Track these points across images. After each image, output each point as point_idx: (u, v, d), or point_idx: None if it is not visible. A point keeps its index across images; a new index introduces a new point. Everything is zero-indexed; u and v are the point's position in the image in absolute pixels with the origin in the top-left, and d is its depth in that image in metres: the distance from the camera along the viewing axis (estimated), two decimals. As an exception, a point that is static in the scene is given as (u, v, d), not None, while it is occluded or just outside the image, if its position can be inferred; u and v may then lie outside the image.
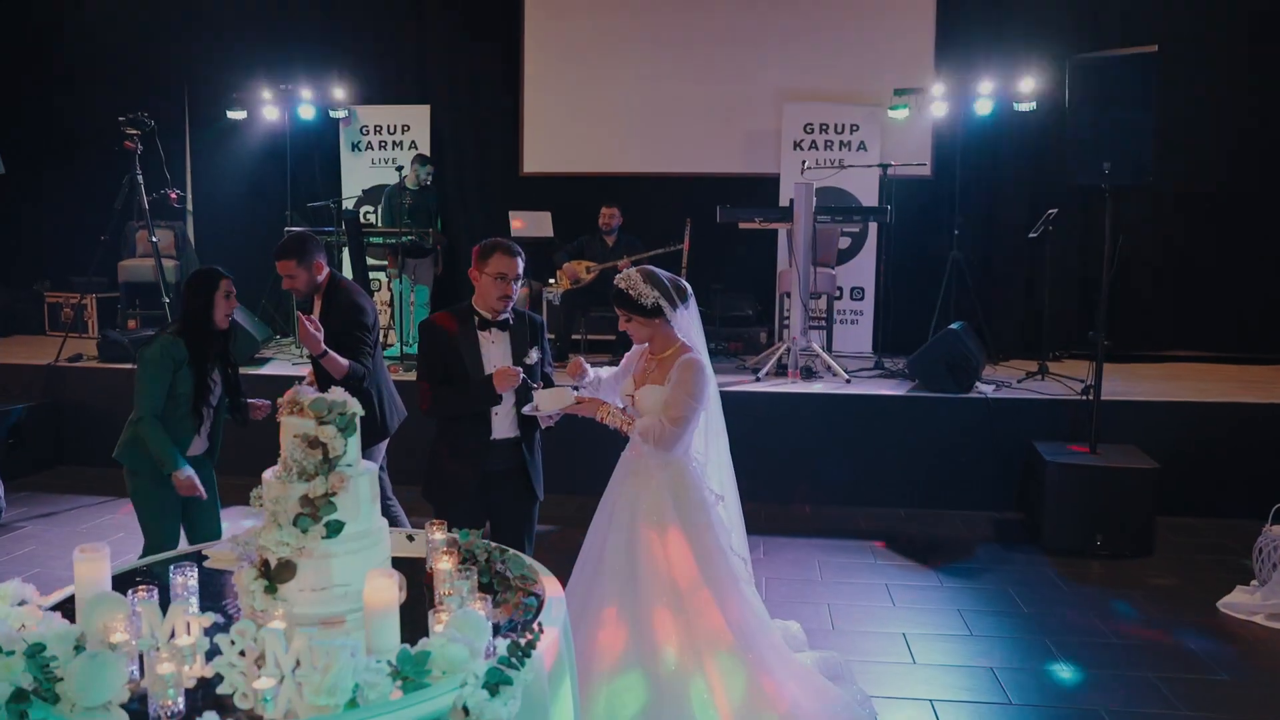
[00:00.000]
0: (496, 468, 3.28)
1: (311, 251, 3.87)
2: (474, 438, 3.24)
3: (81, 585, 1.87)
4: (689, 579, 2.93)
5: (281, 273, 3.86)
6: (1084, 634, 4.11)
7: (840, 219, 6.88)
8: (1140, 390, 6.31)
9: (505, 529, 3.29)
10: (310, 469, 1.96)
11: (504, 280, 3.21)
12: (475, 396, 3.19)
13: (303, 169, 8.46)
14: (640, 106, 8.47)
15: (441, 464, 3.29)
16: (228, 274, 3.57)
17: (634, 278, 3.06)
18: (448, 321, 3.27)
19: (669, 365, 3.04)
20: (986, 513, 5.89)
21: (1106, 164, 5.04)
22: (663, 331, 3.08)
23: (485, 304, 3.27)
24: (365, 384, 3.85)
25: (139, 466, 3.53)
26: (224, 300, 3.51)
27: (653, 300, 3.02)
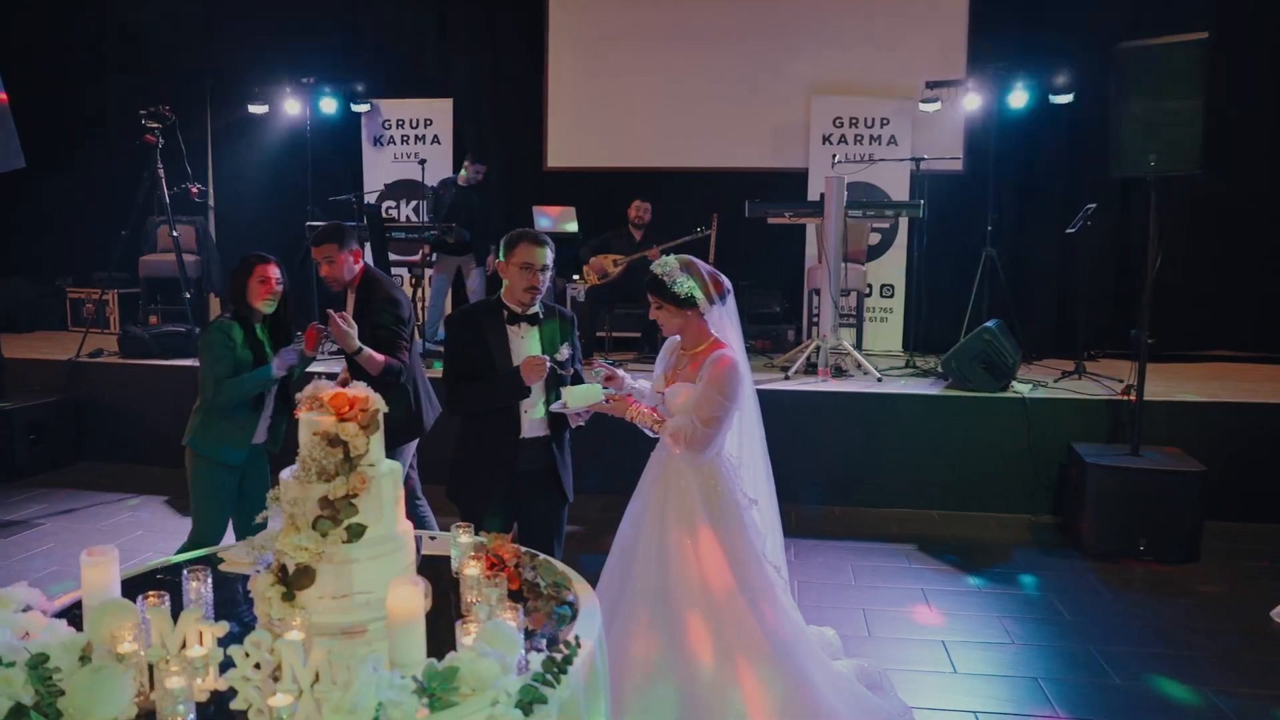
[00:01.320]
0: (526, 468, 3.15)
1: (350, 239, 3.80)
2: (503, 437, 3.11)
3: (89, 590, 1.76)
4: (723, 586, 2.80)
5: (319, 258, 3.78)
6: (1132, 644, 3.93)
7: (872, 213, 6.70)
8: (1182, 390, 6.10)
9: (533, 531, 3.16)
10: (330, 469, 1.84)
11: (530, 270, 3.08)
12: (502, 390, 3.06)
13: (324, 163, 8.38)
14: (666, 100, 8.33)
15: (468, 464, 3.16)
16: (267, 258, 3.59)
17: (671, 264, 2.93)
18: (476, 316, 3.15)
19: (701, 362, 2.91)
20: (1022, 516, 5.72)
21: (1152, 156, 4.85)
22: (695, 325, 2.94)
23: (514, 297, 3.14)
24: (401, 379, 3.75)
25: (207, 451, 3.55)
26: (259, 285, 3.53)
27: (687, 290, 2.89)
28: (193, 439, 3.57)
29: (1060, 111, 7.39)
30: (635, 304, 7.40)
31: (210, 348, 3.49)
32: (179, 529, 5.21)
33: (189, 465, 3.59)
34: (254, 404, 3.58)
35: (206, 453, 3.55)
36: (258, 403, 3.59)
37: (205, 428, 3.55)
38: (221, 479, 3.56)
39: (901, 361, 7.01)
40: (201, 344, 3.54)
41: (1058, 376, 6.45)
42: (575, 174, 8.47)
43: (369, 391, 1.93)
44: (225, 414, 3.53)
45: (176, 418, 6.40)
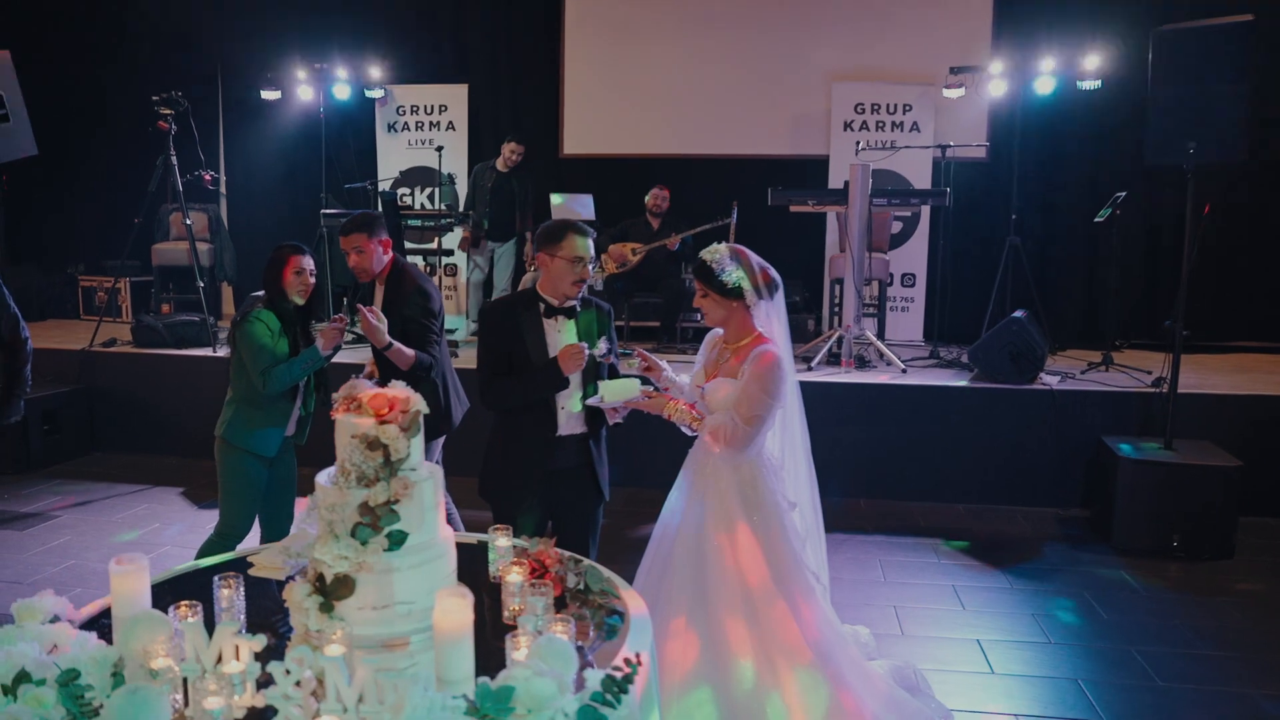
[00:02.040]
0: (562, 465, 3.05)
1: (380, 228, 3.71)
2: (539, 434, 3.01)
3: (119, 601, 1.68)
4: (763, 589, 2.71)
5: (349, 248, 3.67)
6: (1173, 644, 3.84)
7: (897, 202, 6.58)
8: (1213, 383, 5.99)
9: (569, 530, 3.08)
10: (370, 473, 1.75)
11: (580, 264, 2.98)
12: (539, 382, 2.95)
13: (338, 150, 8.28)
14: (684, 86, 8.19)
15: (502, 461, 3.07)
16: (301, 248, 3.54)
17: (721, 252, 2.83)
18: (512, 308, 3.04)
19: (743, 357, 2.81)
20: (1050, 509, 5.62)
21: (1191, 143, 4.72)
22: (739, 317, 2.84)
23: (556, 290, 3.03)
24: (432, 374, 3.67)
25: (241, 442, 3.50)
26: (294, 276, 3.49)
27: (735, 280, 2.79)
28: (227, 429, 3.51)
29: (1087, 98, 7.23)
30: (654, 292, 7.30)
31: (252, 337, 3.43)
32: (196, 521, 5.16)
33: (220, 456, 3.53)
34: (290, 395, 3.53)
35: (240, 443, 3.49)
36: (293, 393, 3.54)
37: (240, 418, 3.50)
38: (254, 470, 3.52)
39: (924, 352, 6.90)
40: (240, 334, 3.47)
41: (1084, 368, 6.33)
42: (592, 161, 8.35)
43: (409, 391, 1.84)
44: (261, 405, 3.48)
45: (190, 408, 6.45)
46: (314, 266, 3.53)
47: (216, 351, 6.55)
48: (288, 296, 3.50)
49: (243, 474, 3.51)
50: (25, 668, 1.47)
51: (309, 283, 3.51)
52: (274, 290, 3.51)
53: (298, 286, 3.49)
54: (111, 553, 4.67)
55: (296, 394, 3.56)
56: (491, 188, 7.20)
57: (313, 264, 3.53)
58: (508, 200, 7.28)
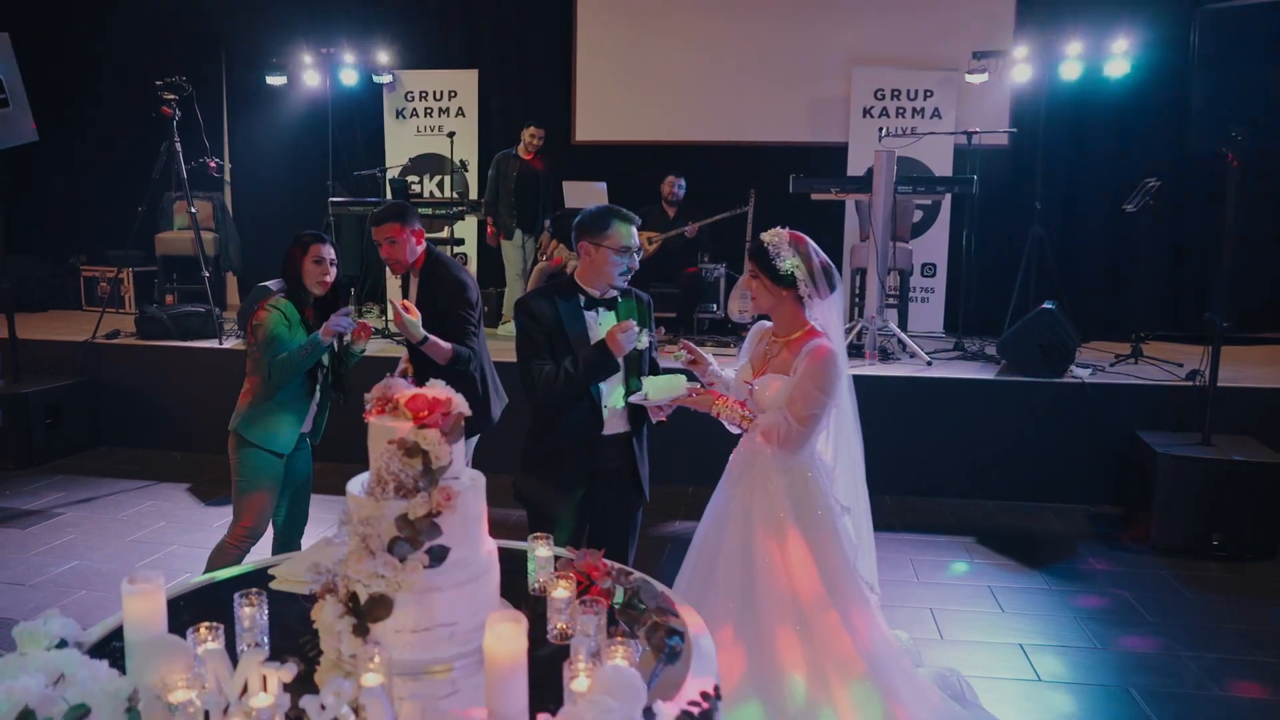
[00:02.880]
0: (605, 466, 2.89)
1: (413, 217, 3.54)
2: (584, 433, 2.84)
3: (133, 625, 1.52)
4: (814, 598, 2.55)
5: (381, 239, 3.51)
6: (1224, 649, 3.68)
7: (922, 189, 6.39)
8: (1249, 376, 5.82)
9: (609, 533, 2.93)
10: (409, 483, 1.59)
11: (628, 254, 2.81)
12: (588, 367, 2.75)
13: (345, 137, 8.10)
14: (699, 71, 8.00)
15: (543, 462, 2.89)
16: (322, 237, 3.39)
17: (781, 236, 2.67)
18: (551, 300, 2.85)
19: (795, 351, 2.64)
20: (1082, 506, 5.46)
21: (1239, 128, 4.54)
22: (789, 308, 2.68)
23: (599, 281, 2.85)
24: (470, 367, 3.51)
25: (256, 439, 3.33)
26: (314, 265, 3.33)
27: (789, 268, 2.63)
28: (242, 424, 3.35)
29: (1114, 84, 7.03)
30: (670, 283, 7.13)
31: (266, 325, 3.27)
32: (203, 519, 5.00)
33: (234, 452, 3.37)
34: (307, 390, 3.37)
35: (256, 439, 3.32)
36: (310, 389, 3.38)
37: (256, 413, 3.34)
38: (270, 467, 3.35)
39: (946, 344, 6.73)
40: (255, 324, 3.31)
41: (1113, 360, 6.16)
42: (605, 148, 8.16)
43: (450, 392, 1.67)
44: (279, 399, 3.32)
45: (196, 401, 6.29)
46: (334, 256, 3.37)
47: (223, 343, 6.38)
48: (306, 286, 3.34)
49: (258, 471, 3.34)
50: (29, 705, 1.31)
51: (329, 272, 3.35)
52: (292, 280, 3.35)
53: (317, 276, 3.33)
54: (117, 552, 4.52)
55: (314, 390, 3.39)
56: (517, 176, 6.98)
57: (333, 253, 3.37)
58: (534, 189, 7.07)
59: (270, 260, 7.89)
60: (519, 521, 3.00)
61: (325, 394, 3.47)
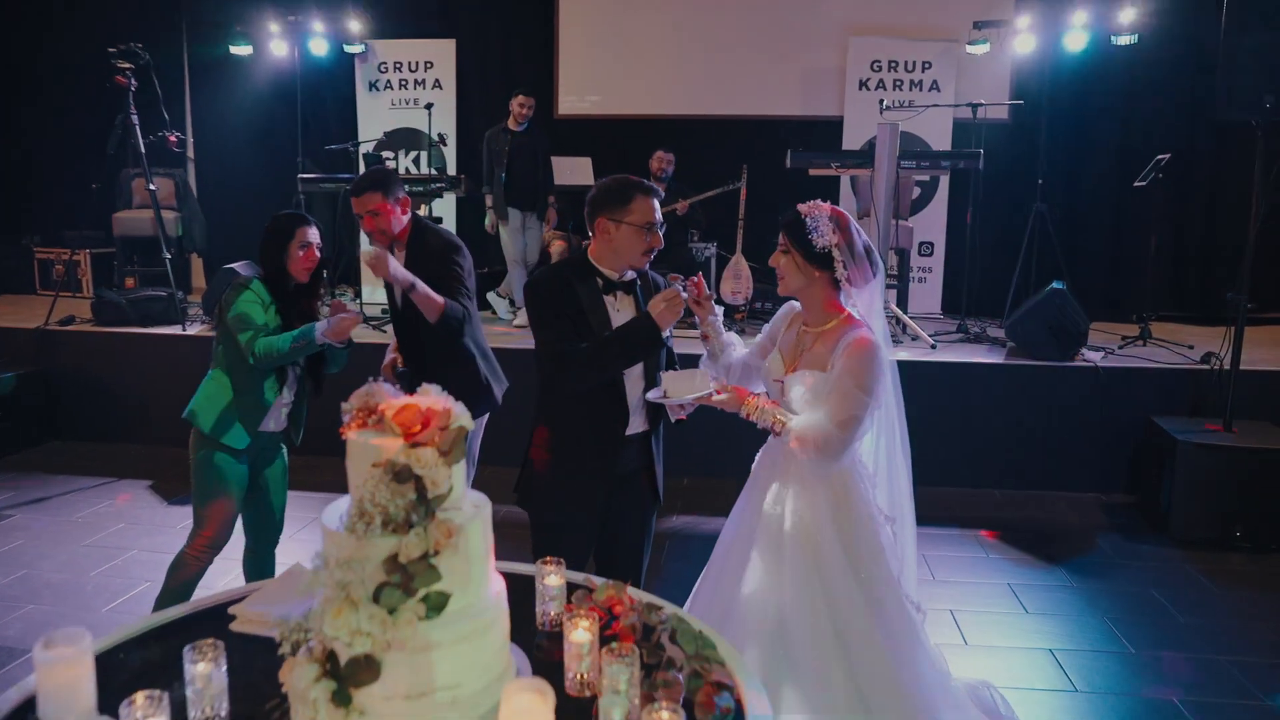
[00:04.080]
0: (624, 469, 2.59)
1: (397, 185, 3.20)
2: (607, 432, 2.52)
3: (49, 699, 1.20)
4: (856, 623, 2.27)
5: (362, 210, 3.17)
6: (1268, 654, 3.46)
7: (926, 164, 6.12)
8: (1262, 358, 5.60)
9: (626, 542, 2.64)
10: (399, 516, 1.27)
11: (652, 230, 2.49)
12: (630, 341, 2.42)
13: (315, 111, 7.67)
14: (688, 42, 7.65)
15: (556, 466, 2.55)
16: (309, 219, 3.05)
17: (821, 209, 2.37)
18: (567, 281, 2.51)
19: (831, 343, 2.35)
20: (1094, 494, 5.25)
21: (1270, 97, 4.29)
22: (820, 291, 2.38)
23: (619, 261, 2.51)
24: (464, 338, 3.21)
25: (207, 429, 2.98)
26: (299, 250, 2.99)
27: (827, 244, 2.33)
28: (195, 409, 3.00)
29: (1121, 54, 6.78)
30: (661, 264, 6.80)
31: (240, 305, 2.93)
32: (166, 520, 4.65)
33: (192, 446, 3.04)
34: (272, 384, 3.01)
35: (211, 431, 2.98)
36: (276, 384, 3.02)
37: (209, 401, 2.99)
38: (228, 466, 3.00)
39: (948, 325, 6.48)
40: (225, 302, 2.98)
41: (1121, 343, 5.94)
42: (589, 122, 7.81)
43: (448, 400, 1.36)
44: (237, 389, 2.98)
45: (158, 392, 5.89)
46: (319, 239, 3.02)
47: (186, 329, 6.00)
48: (290, 272, 3.00)
49: (218, 474, 3.00)
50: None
51: (315, 258, 3.00)
52: (274, 265, 3.00)
53: (304, 263, 2.99)
54: (71, 559, 4.16)
55: (280, 385, 3.04)
56: (510, 151, 6.55)
57: (318, 235, 3.02)
58: (530, 162, 6.63)
59: (237, 241, 7.51)
60: (517, 521, 2.69)
61: (301, 388, 3.12)
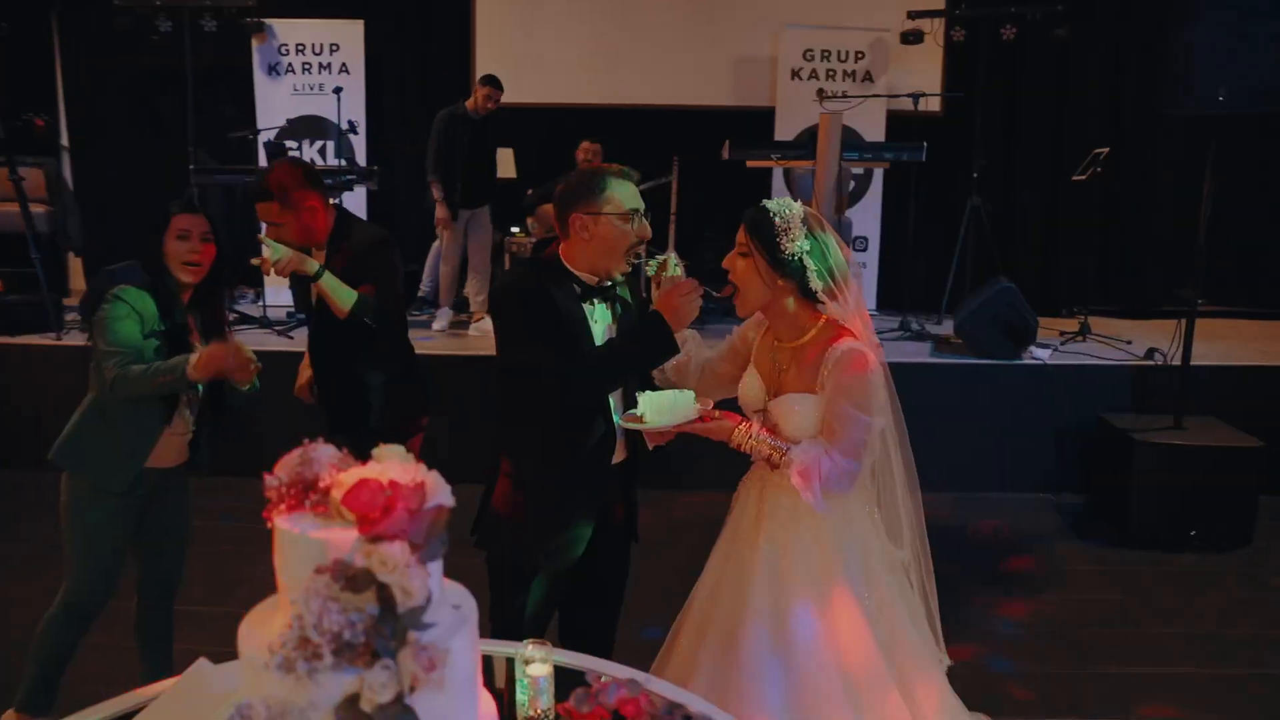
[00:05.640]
0: (605, 503, 2.25)
1: (299, 188, 2.73)
2: (593, 463, 2.16)
3: None
4: (870, 673, 1.98)
5: (262, 220, 2.73)
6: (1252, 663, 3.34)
7: (869, 156, 5.92)
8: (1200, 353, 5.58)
9: (607, 588, 2.33)
10: (356, 641, 0.89)
11: (637, 219, 2.13)
12: (643, 350, 2.06)
13: (208, 95, 7.00)
14: (614, 28, 7.30)
15: (530, 505, 2.17)
16: (194, 207, 2.58)
17: (794, 208, 2.05)
18: (544, 286, 2.13)
19: (815, 358, 2.04)
20: (1045, 495, 5.15)
21: (1222, 90, 4.20)
22: (791, 303, 2.06)
23: (600, 262, 2.15)
24: (389, 347, 2.80)
25: (83, 470, 2.50)
26: (178, 243, 2.48)
27: (797, 251, 2.01)
28: (60, 449, 2.50)
29: (1056, 47, 6.74)
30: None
31: (107, 323, 2.42)
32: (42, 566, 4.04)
33: (63, 489, 2.54)
34: (162, 410, 2.50)
35: (80, 472, 2.50)
36: (165, 410, 2.51)
37: (81, 436, 2.49)
38: (107, 511, 2.50)
39: (889, 322, 6.32)
40: (97, 320, 2.47)
41: (1063, 340, 5.87)
42: (510, 111, 7.31)
43: (419, 470, 0.98)
44: (112, 419, 2.47)
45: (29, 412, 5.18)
46: (209, 229, 2.52)
47: (62, 338, 5.34)
48: (171, 271, 2.49)
49: (89, 515, 2.50)
50: None
51: (199, 250, 2.48)
52: (153, 264, 2.50)
53: (183, 256, 2.47)
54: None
55: (171, 412, 2.54)
56: (469, 142, 5.94)
57: (206, 225, 2.52)
58: (486, 156, 6.10)
59: (120, 239, 6.81)
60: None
61: (203, 417, 2.63)
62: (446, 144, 5.93)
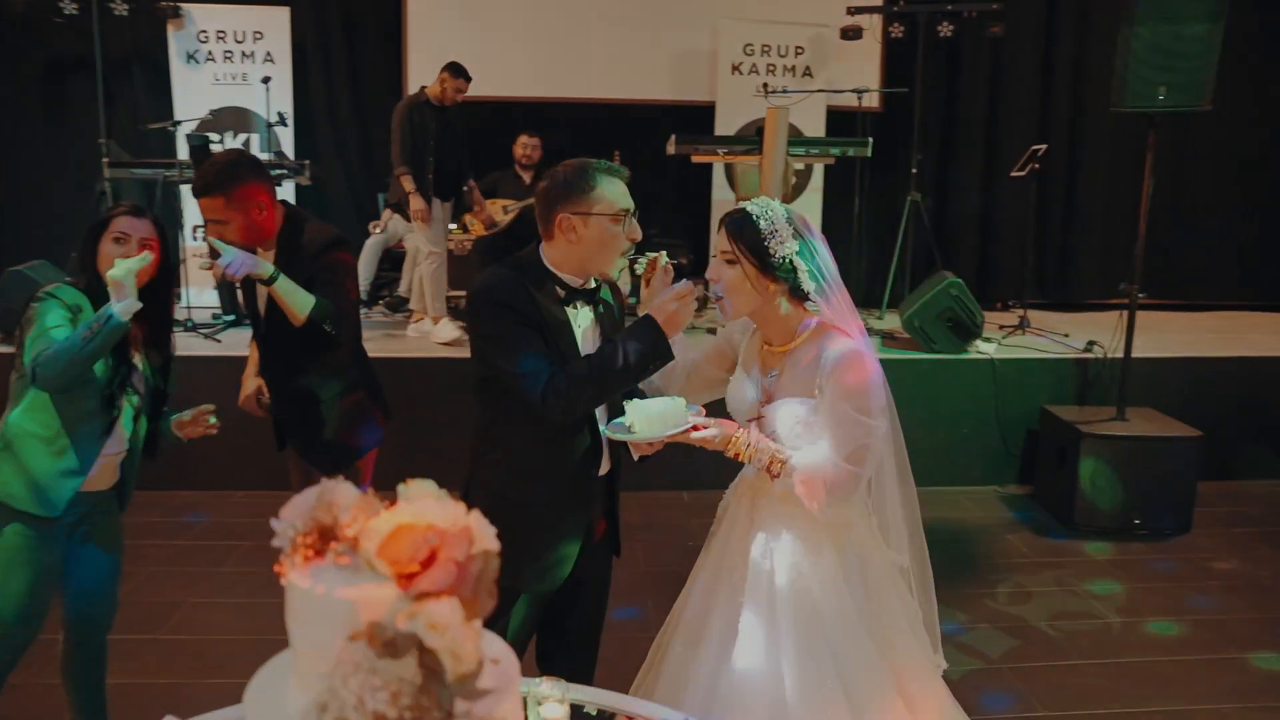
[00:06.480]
0: (591, 517, 2.13)
1: (246, 182, 2.49)
2: (578, 478, 2.04)
3: None
4: (872, 684, 1.91)
5: (206, 217, 2.50)
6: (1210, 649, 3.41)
7: (816, 151, 5.90)
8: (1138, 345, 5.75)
9: (590, 605, 2.22)
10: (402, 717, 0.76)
11: (629, 220, 2.01)
12: (640, 357, 1.92)
13: (121, 84, 6.60)
14: (552, 20, 7.13)
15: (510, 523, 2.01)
16: (136, 210, 2.33)
17: (776, 209, 1.95)
18: (526, 289, 1.99)
19: (810, 360, 1.96)
20: (988, 488, 5.21)
21: (1162, 89, 4.29)
22: (782, 305, 1.98)
23: (587, 265, 2.03)
24: (345, 352, 2.61)
25: (11, 494, 2.24)
26: (113, 245, 2.25)
27: (786, 255, 1.92)
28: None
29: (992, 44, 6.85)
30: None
31: (38, 317, 2.19)
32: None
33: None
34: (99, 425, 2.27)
35: (4, 497, 2.25)
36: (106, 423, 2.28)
37: (8, 454, 2.25)
38: (31, 539, 2.26)
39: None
40: (24, 322, 2.23)
41: (1005, 334, 5.96)
42: (445, 104, 7.13)
43: (457, 510, 0.85)
44: (39, 435, 2.23)
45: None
46: (154, 232, 2.30)
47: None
48: (102, 276, 2.24)
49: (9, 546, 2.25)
50: None
51: (141, 256, 2.23)
52: (88, 268, 2.28)
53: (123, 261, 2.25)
54: None
55: (108, 428, 2.32)
56: (436, 129, 5.58)
57: (150, 229, 2.29)
58: (454, 146, 5.72)
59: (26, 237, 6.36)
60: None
61: (135, 435, 2.41)
62: (413, 132, 5.52)
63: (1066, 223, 7.31)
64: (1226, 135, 6.97)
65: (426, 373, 4.97)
